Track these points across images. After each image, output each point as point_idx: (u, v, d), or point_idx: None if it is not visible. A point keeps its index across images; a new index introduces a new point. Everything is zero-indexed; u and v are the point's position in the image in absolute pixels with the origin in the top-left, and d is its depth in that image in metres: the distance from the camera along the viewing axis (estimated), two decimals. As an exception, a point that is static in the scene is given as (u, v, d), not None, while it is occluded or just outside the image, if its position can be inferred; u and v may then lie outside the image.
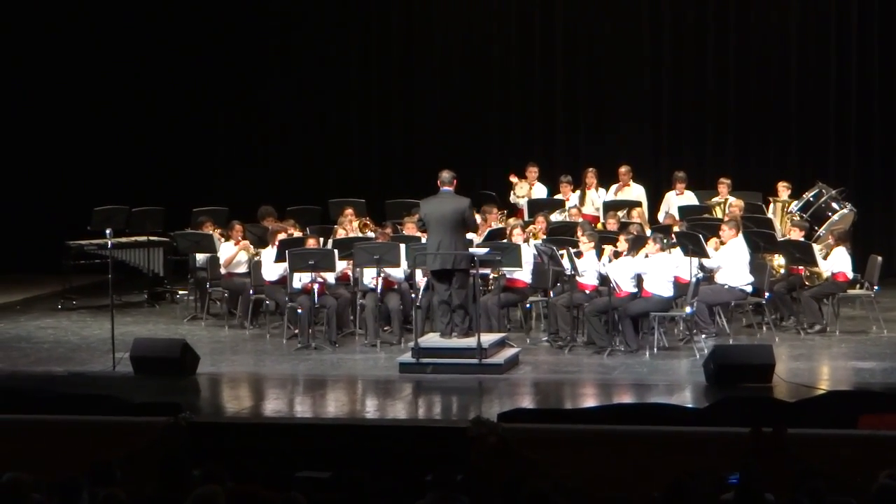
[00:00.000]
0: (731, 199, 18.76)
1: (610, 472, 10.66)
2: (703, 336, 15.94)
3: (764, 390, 13.33)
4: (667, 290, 15.63)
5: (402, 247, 16.29)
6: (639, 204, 19.10)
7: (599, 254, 16.02)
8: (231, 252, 17.68)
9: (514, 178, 20.04)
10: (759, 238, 16.95)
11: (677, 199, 19.36)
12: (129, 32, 22.37)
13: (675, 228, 17.26)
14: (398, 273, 16.52)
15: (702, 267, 16.23)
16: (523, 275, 16.46)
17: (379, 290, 16.34)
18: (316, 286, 16.19)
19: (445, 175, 15.25)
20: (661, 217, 19.22)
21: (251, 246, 17.76)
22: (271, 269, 16.80)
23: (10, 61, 22.29)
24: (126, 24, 22.38)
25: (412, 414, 13.36)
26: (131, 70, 22.33)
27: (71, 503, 8.24)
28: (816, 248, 16.96)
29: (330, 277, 16.56)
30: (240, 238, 17.78)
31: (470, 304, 15.11)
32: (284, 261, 16.37)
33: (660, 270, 15.59)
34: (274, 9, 22.79)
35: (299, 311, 16.23)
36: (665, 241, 15.88)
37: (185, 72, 22.39)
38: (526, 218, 18.66)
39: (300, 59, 22.72)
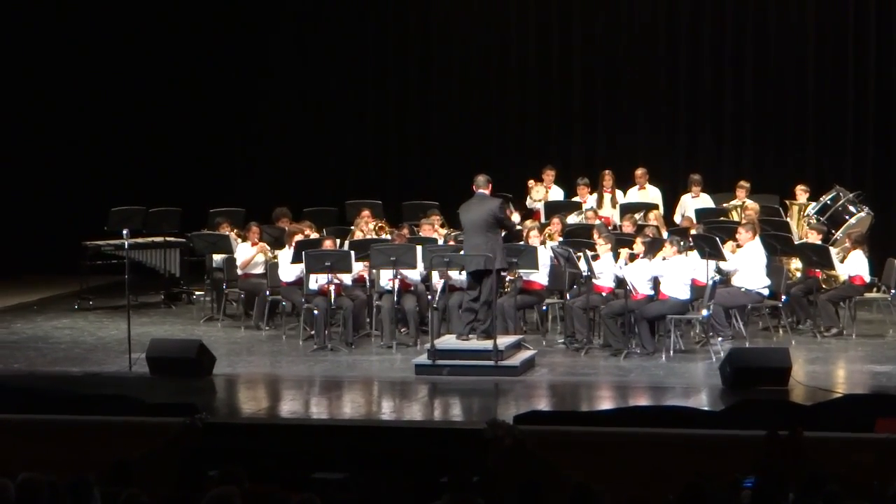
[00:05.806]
0: (748, 202, 18.72)
1: (625, 475, 10.64)
2: (720, 339, 15.91)
3: (780, 393, 13.31)
4: (683, 293, 15.61)
5: (419, 248, 16.28)
6: (655, 206, 19.07)
7: (616, 256, 16.01)
8: (248, 253, 17.70)
9: (531, 182, 20.02)
10: (776, 241, 16.92)
11: (693, 202, 19.32)
12: (146, 33, 22.40)
13: (692, 231, 17.24)
14: (414, 275, 16.52)
15: (718, 270, 16.20)
16: (540, 277, 16.45)
17: (395, 292, 16.34)
18: (332, 287, 16.21)
19: (480, 178, 15.24)
20: (677, 219, 19.17)
21: (268, 247, 17.77)
22: (288, 271, 16.82)
23: (26, 62, 22.31)
24: (143, 25, 22.41)
25: (428, 416, 13.36)
26: (148, 70, 22.36)
27: (81, 503, 8.25)
28: (833, 251, 16.91)
29: (346, 279, 16.56)
30: (257, 239, 17.80)
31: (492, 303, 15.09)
32: (301, 262, 16.39)
33: (676, 273, 15.58)
34: (292, 9, 22.83)
35: (315, 312, 16.24)
36: (682, 243, 15.86)
37: (203, 73, 22.42)
38: (543, 220, 18.65)
39: (318, 61, 22.73)
